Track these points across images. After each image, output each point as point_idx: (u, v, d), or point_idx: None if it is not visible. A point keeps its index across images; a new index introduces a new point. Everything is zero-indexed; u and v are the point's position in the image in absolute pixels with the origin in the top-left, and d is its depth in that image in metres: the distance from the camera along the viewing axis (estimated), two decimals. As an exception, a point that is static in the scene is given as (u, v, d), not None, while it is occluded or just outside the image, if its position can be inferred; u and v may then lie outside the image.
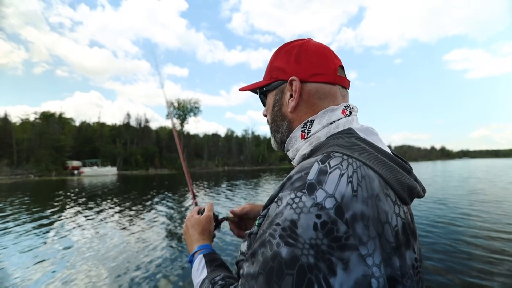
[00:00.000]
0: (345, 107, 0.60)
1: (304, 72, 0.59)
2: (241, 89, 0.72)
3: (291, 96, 0.61)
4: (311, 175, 0.43)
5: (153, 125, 74.16)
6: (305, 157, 0.57)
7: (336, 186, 0.40)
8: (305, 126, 0.59)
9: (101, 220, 8.48)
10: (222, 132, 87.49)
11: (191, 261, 0.73)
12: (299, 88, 0.59)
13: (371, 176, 0.44)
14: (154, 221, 8.19)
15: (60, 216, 9.03)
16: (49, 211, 9.99)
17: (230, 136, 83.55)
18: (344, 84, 0.63)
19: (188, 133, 71.51)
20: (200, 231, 0.80)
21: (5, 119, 44.93)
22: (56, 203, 11.97)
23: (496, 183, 15.70)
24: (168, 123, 70.83)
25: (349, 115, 0.59)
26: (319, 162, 0.44)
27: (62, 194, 15.76)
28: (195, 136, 75.22)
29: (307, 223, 0.39)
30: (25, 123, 46.58)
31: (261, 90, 0.68)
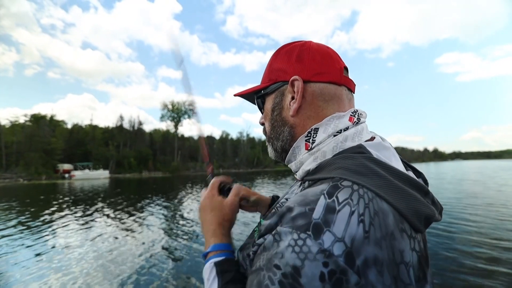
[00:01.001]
0: (352, 113, 0.54)
1: (307, 71, 0.54)
2: (237, 95, 0.66)
3: (292, 98, 0.55)
4: (317, 213, 0.38)
5: (147, 128, 73.13)
6: (309, 173, 0.53)
7: (345, 227, 0.36)
8: (309, 135, 0.54)
9: (90, 224, 8.25)
10: (217, 135, 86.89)
11: (205, 256, 0.63)
12: (302, 89, 0.54)
13: (385, 211, 0.39)
14: (146, 225, 8.02)
15: (47, 221, 8.76)
16: (34, 216, 9.68)
17: (225, 139, 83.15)
18: (350, 86, 0.58)
19: (182, 136, 71.01)
20: (220, 221, 0.66)
21: (-6, 122, 43.87)
22: (43, 208, 11.58)
23: (490, 185, 15.71)
24: (162, 125, 70.08)
25: (357, 123, 0.54)
26: (326, 196, 0.39)
27: (50, 199, 15.30)
28: (190, 139, 74.66)
29: (313, 272, 0.34)
30: (15, 125, 45.51)
31: (258, 94, 0.62)
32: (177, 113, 66.73)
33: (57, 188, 23.68)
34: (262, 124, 0.65)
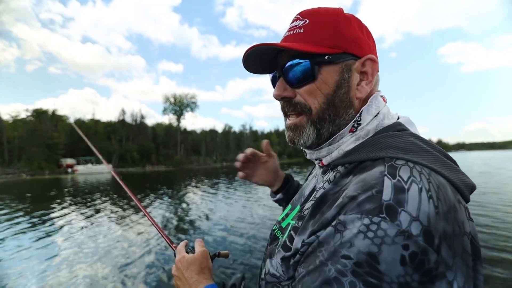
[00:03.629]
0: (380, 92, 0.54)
1: (374, 50, 0.51)
2: (277, 44, 0.49)
3: (360, 78, 0.50)
4: (387, 195, 0.35)
5: (149, 122, 72.58)
6: (345, 155, 0.49)
7: (418, 205, 0.34)
8: (355, 119, 0.50)
9: (94, 219, 8.04)
10: (219, 128, 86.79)
11: None
12: (377, 71, 0.51)
13: (443, 184, 0.38)
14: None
15: (51, 216, 8.57)
16: (38, 211, 9.36)
17: (227, 132, 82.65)
18: None
19: (185, 129, 70.47)
20: (198, 271, 0.66)
21: (-5, 117, 43.52)
22: (46, 203, 11.24)
23: (498, 178, 14.99)
24: (164, 119, 69.58)
25: (386, 102, 0.53)
26: (389, 176, 0.37)
27: (53, 193, 14.89)
28: (192, 132, 74.16)
29: (392, 257, 0.32)
30: (17, 120, 45.12)
31: (320, 58, 0.48)
32: (179, 106, 66.08)
33: (60, 183, 23.35)
34: (284, 98, 0.52)
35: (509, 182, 12.32)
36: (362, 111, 0.49)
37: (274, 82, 0.56)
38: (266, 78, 0.59)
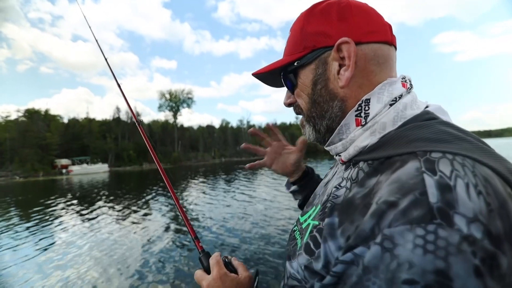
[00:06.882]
0: (402, 78, 0.47)
1: (355, 31, 0.45)
2: (256, 73, 0.57)
3: (339, 66, 0.46)
4: (433, 196, 0.30)
5: (145, 119, 71.00)
6: (367, 151, 0.44)
7: (471, 204, 0.29)
8: (359, 108, 0.45)
9: (92, 221, 7.77)
10: (216, 124, 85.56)
11: None
12: (355, 52, 0.44)
13: (491, 176, 0.32)
14: (151, 219, 7.75)
15: (47, 220, 8.30)
16: (32, 214, 8.91)
17: (225, 127, 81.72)
18: (396, 46, 0.50)
19: (182, 126, 69.42)
20: None
21: (-15, 119, 42.12)
22: (41, 206, 10.55)
23: None
24: (160, 116, 68.30)
25: (410, 89, 0.47)
26: (428, 173, 0.32)
27: (46, 196, 13.98)
28: (189, 129, 73.11)
29: (465, 269, 0.26)
30: (8, 121, 43.73)
31: (290, 67, 0.51)
32: (175, 102, 64.93)
33: (54, 185, 22.53)
34: (290, 104, 0.56)
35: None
36: (369, 99, 0.45)
37: None
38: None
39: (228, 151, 73.48)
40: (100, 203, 10.83)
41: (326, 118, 0.49)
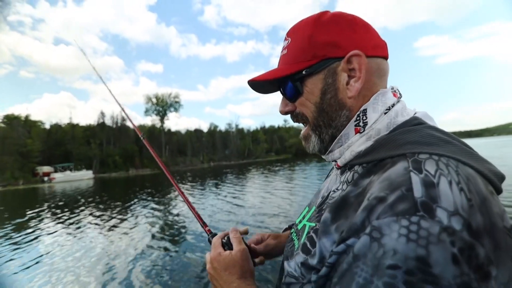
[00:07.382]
0: (392, 89, 0.51)
1: (364, 44, 0.48)
2: (259, 79, 0.55)
3: (349, 77, 0.48)
4: (418, 191, 0.33)
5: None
6: (362, 155, 0.47)
7: (452, 199, 0.32)
8: (358, 118, 0.48)
9: (75, 232, 7.40)
10: (204, 127, 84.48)
11: None
12: (365, 65, 0.47)
13: (472, 175, 0.36)
14: (137, 226, 7.56)
15: (27, 232, 7.78)
16: (13, 227, 8.28)
17: (213, 131, 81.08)
18: None
19: (169, 130, 68.50)
20: (239, 275, 0.58)
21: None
22: (19, 217, 9.98)
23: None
24: (147, 121, 67.19)
25: (399, 98, 0.51)
26: (414, 171, 0.35)
27: (26, 206, 13.38)
28: (177, 133, 72.18)
29: (444, 256, 0.29)
30: (-15, 128, 41.85)
31: (297, 75, 0.51)
32: (162, 106, 64.10)
33: (35, 193, 21.63)
34: (287, 112, 0.56)
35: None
36: (366, 109, 0.48)
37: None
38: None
39: (216, 155, 72.94)
40: (85, 212, 10.43)
41: (332, 127, 0.51)
